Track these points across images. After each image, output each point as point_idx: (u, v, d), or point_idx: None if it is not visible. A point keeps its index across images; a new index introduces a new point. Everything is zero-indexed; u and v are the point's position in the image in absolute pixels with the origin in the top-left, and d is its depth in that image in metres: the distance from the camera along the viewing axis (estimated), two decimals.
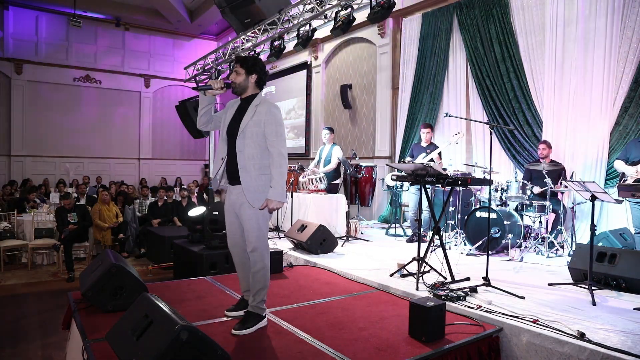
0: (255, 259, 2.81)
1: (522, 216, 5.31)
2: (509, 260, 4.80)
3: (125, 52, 14.08)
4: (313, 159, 7.03)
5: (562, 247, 5.13)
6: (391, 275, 3.96)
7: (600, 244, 4.62)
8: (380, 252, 5.17)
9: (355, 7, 7.23)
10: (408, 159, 6.07)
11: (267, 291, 2.88)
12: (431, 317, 2.58)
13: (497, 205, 5.41)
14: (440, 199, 6.21)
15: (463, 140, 7.00)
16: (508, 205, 5.60)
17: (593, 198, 3.52)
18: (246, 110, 2.82)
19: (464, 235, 5.43)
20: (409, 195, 6.21)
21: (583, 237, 5.28)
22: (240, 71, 2.86)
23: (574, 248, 4.69)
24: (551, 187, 4.98)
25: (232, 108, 2.94)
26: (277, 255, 4.37)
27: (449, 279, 3.68)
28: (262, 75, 2.90)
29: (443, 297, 3.20)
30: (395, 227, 6.66)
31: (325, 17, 7.87)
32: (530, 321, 2.77)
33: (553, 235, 5.13)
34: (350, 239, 5.88)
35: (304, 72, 11.01)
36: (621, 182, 4.35)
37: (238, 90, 2.88)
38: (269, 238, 5.90)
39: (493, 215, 5.02)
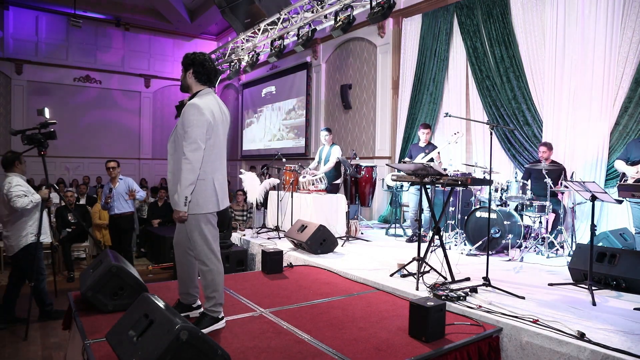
0: (200, 264, 2.72)
1: (522, 216, 5.31)
2: (509, 260, 4.80)
3: (125, 52, 14.09)
4: (313, 159, 7.04)
5: (562, 247, 5.13)
6: (391, 275, 3.96)
7: (600, 244, 4.62)
8: (380, 252, 5.17)
9: (355, 7, 7.23)
10: (406, 159, 6.07)
11: (221, 296, 2.74)
12: (431, 317, 2.58)
13: (497, 206, 5.41)
14: (440, 199, 6.21)
15: (463, 140, 7.00)
16: (508, 205, 5.60)
17: (593, 198, 3.52)
18: None
19: (464, 235, 5.43)
20: (409, 195, 6.21)
21: (583, 237, 5.28)
22: (182, 69, 2.75)
23: (574, 248, 4.68)
24: (551, 188, 4.98)
25: None
26: (277, 255, 4.37)
27: (449, 279, 3.68)
28: (200, 69, 2.68)
29: (443, 297, 3.20)
30: (395, 227, 6.66)
31: (325, 17, 7.87)
32: (530, 321, 2.76)
33: (553, 235, 5.13)
34: (350, 239, 5.88)
35: (304, 72, 11.00)
36: (621, 182, 4.35)
37: (183, 88, 2.80)
38: (269, 238, 5.96)
39: (493, 216, 5.02)
